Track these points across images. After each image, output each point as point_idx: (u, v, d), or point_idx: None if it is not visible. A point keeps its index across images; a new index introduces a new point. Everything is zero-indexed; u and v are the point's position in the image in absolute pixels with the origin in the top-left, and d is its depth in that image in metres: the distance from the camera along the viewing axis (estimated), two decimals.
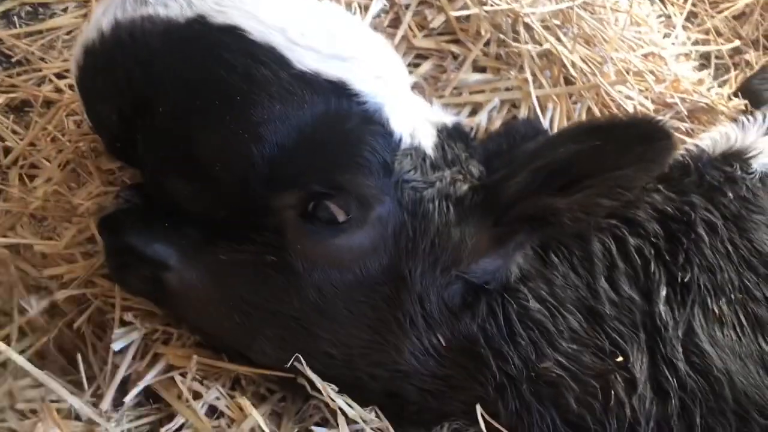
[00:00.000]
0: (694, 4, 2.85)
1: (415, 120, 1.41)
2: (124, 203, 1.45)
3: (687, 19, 2.80)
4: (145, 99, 1.30)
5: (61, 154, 1.75)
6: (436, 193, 1.38)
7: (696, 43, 2.63)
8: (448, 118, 1.55)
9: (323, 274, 1.34)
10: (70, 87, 2.06)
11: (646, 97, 1.91)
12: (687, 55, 2.32)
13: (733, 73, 2.67)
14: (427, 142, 1.42)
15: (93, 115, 1.44)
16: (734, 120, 2.01)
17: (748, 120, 1.90)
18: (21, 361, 1.35)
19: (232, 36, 1.25)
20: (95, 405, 1.41)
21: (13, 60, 2.16)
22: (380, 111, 1.33)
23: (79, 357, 1.45)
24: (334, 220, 1.30)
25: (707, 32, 2.78)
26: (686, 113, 1.97)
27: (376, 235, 1.34)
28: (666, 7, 2.81)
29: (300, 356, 1.38)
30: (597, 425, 1.45)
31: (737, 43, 2.68)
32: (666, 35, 2.37)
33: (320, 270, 1.33)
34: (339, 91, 1.29)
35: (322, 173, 1.29)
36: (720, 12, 2.82)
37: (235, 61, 1.24)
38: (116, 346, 1.47)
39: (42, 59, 2.13)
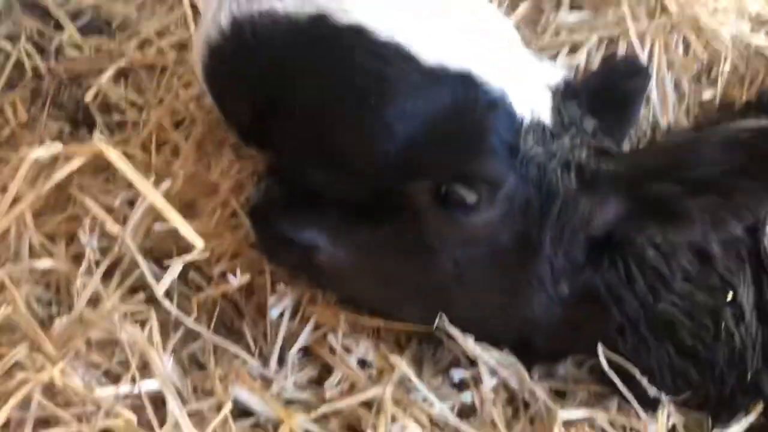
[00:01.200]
0: None
1: (533, 91, 1.48)
2: (266, 190, 1.59)
3: None
4: (277, 99, 1.40)
5: (188, 131, 1.87)
6: (558, 163, 1.46)
7: None
8: (558, 74, 1.61)
9: (458, 249, 1.47)
10: (172, 47, 2.15)
11: (743, 16, 1.91)
12: None
13: None
14: (546, 111, 1.49)
15: (224, 110, 1.55)
16: None
17: None
18: (202, 330, 1.58)
19: (359, 38, 1.32)
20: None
21: (113, 25, 2.23)
22: (504, 96, 1.39)
23: (245, 325, 1.66)
24: (465, 203, 1.41)
25: None
26: None
27: (505, 211, 1.45)
28: None
29: (444, 315, 1.55)
30: (709, 354, 1.60)
31: None
32: None
33: (455, 245, 1.47)
34: (465, 82, 1.36)
35: (452, 161, 1.39)
36: None
37: (366, 64, 1.33)
38: (273, 313, 1.66)
39: (138, 20, 2.21)
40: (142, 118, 2.02)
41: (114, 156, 1.25)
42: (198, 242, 1.15)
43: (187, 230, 1.13)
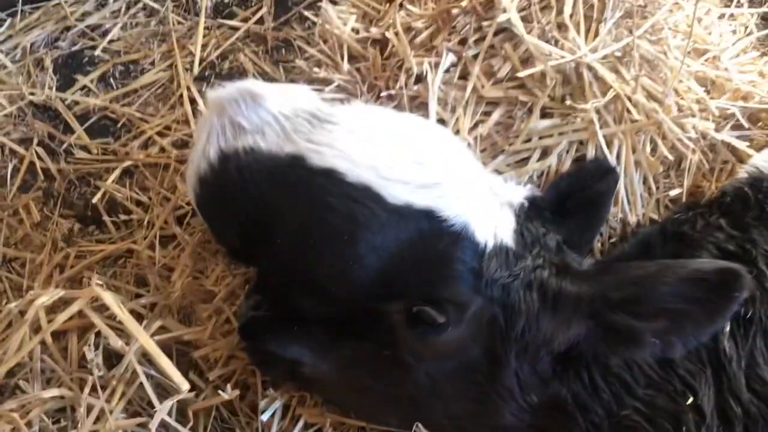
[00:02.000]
0: None
1: (495, 216, 1.60)
2: (254, 305, 1.72)
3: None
4: (261, 231, 1.53)
5: (191, 229, 2.02)
6: (521, 284, 1.58)
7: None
8: (523, 193, 1.72)
9: (431, 364, 1.59)
10: (174, 144, 2.29)
11: (707, 118, 2.01)
12: (745, 50, 2.32)
13: None
14: (508, 234, 1.60)
15: (215, 234, 1.70)
16: None
17: None
18: None
19: (332, 180, 1.46)
20: None
21: (118, 124, 2.38)
22: (467, 227, 1.51)
23: (238, 428, 1.79)
24: (435, 322, 1.53)
25: None
26: (745, 121, 2.06)
27: (473, 329, 1.57)
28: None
29: (420, 425, 1.66)
30: None
31: None
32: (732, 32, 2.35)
33: (428, 361, 1.59)
34: (429, 217, 1.49)
35: (421, 287, 1.52)
36: None
37: (338, 205, 1.46)
38: (264, 417, 1.79)
39: (142, 119, 2.35)
40: (147, 216, 2.16)
41: (110, 300, 1.38)
42: (184, 385, 1.28)
43: (174, 374, 1.27)
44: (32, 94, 2.37)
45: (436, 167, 1.55)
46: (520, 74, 1.89)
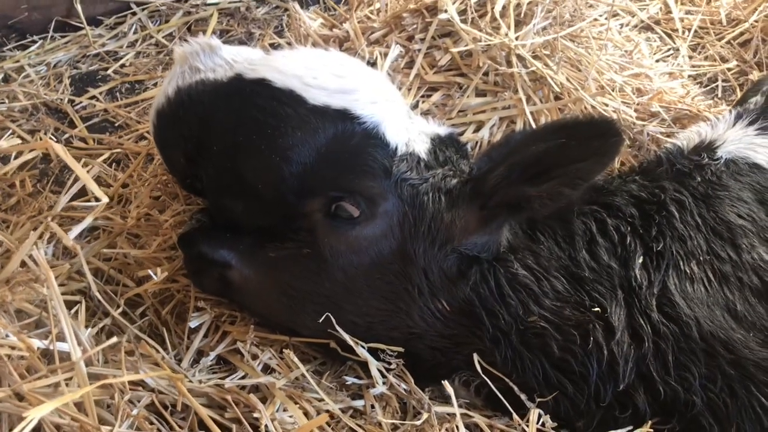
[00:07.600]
0: (700, 36, 3.16)
1: (409, 132, 1.78)
2: (196, 223, 1.89)
3: (694, 49, 3.11)
4: (203, 142, 1.73)
5: (149, 187, 2.23)
6: (430, 187, 1.73)
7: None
8: (442, 130, 1.92)
9: (347, 259, 1.71)
10: None
11: (629, 106, 2.23)
12: (672, 74, 2.60)
13: (740, 94, 2.92)
14: (421, 148, 1.78)
15: (167, 160, 1.90)
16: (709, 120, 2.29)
17: (718, 118, 2.19)
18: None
19: (261, 86, 1.68)
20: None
21: (116, 125, 2.71)
22: (378, 127, 1.70)
23: (164, 330, 1.87)
24: (351, 216, 1.69)
25: (714, 59, 3.06)
26: (670, 121, 2.27)
27: (385, 225, 1.71)
28: (674, 41, 3.12)
29: (330, 316, 1.71)
30: (581, 367, 1.72)
31: (733, 63, 2.95)
32: (661, 60, 2.67)
33: (344, 256, 1.71)
34: (344, 116, 1.68)
35: (337, 181, 1.68)
36: (721, 39, 3.09)
37: (265, 104, 1.67)
38: (192, 323, 1.87)
39: (138, 122, 2.67)
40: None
41: (58, 148, 1.58)
42: (103, 198, 1.44)
43: (94, 187, 1.44)
44: (46, 95, 2.73)
45: (354, 81, 1.76)
46: (453, 50, 2.18)
